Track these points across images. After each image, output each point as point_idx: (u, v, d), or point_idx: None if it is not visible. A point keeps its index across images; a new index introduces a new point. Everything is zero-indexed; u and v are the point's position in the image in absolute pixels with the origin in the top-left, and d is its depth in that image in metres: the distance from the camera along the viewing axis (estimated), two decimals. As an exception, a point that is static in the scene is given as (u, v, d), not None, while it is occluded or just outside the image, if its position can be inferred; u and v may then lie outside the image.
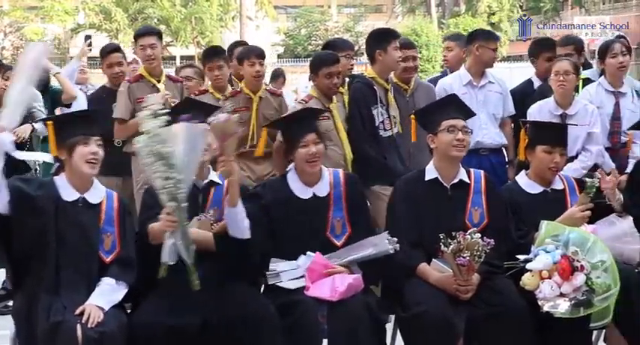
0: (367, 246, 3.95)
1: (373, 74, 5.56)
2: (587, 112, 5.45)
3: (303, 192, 4.07)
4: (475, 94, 6.05)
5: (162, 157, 3.50)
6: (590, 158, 5.43)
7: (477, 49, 6.03)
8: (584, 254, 3.77)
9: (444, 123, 4.09)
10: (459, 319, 3.75)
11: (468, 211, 4.06)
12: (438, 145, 4.12)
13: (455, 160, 4.12)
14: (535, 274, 3.77)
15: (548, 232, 3.90)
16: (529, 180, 4.31)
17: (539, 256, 3.80)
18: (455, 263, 3.77)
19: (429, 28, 29.47)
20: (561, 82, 5.44)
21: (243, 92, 5.78)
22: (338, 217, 4.05)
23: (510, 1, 34.06)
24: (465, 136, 4.08)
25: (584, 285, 3.70)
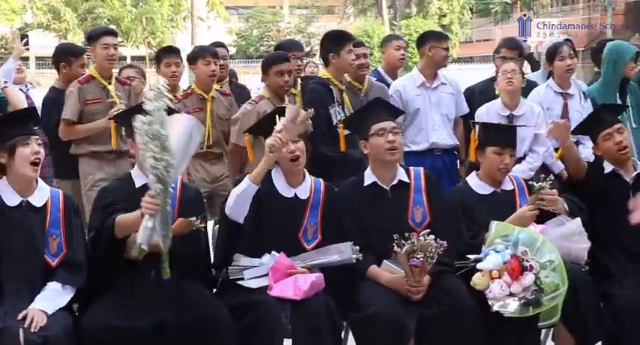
0: (333, 252, 3.95)
1: (328, 75, 5.57)
2: (533, 113, 5.52)
3: (286, 191, 4.06)
4: (428, 95, 6.10)
5: (158, 137, 3.44)
6: (537, 159, 5.50)
7: (430, 50, 6.09)
8: (533, 254, 3.82)
9: (373, 127, 4.10)
10: (410, 319, 3.77)
11: (409, 210, 4.09)
12: (370, 151, 4.13)
13: (390, 163, 4.13)
14: (485, 274, 3.80)
15: (498, 233, 3.94)
16: (479, 181, 4.35)
17: (489, 256, 3.83)
18: (408, 264, 3.79)
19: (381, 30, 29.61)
20: (509, 79, 5.50)
21: (195, 93, 5.75)
22: (312, 222, 4.05)
23: (461, 3, 34.38)
24: (395, 137, 4.09)
25: (533, 284, 3.74)
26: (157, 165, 3.45)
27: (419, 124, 5.95)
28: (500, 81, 5.57)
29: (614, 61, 5.85)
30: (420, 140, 5.91)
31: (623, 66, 5.81)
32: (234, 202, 3.87)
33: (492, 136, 4.34)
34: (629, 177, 4.34)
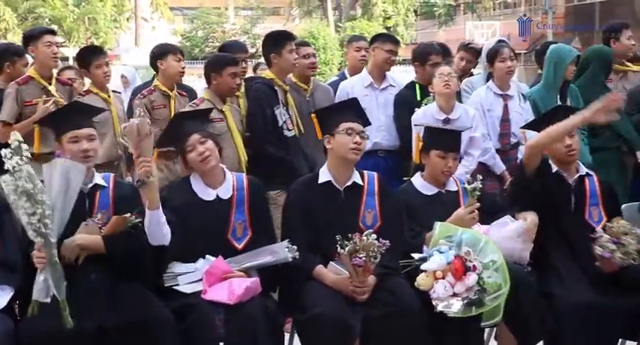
0: (267, 253, 3.94)
1: (272, 76, 5.56)
2: (468, 116, 5.58)
3: (207, 194, 4.03)
4: (376, 96, 6.15)
5: (27, 193, 3.40)
6: (473, 162, 5.55)
7: (373, 50, 6.14)
8: (476, 254, 3.85)
9: (342, 125, 4.11)
10: (355, 320, 3.77)
11: (361, 213, 4.10)
12: (334, 146, 4.14)
13: (350, 162, 4.15)
14: (429, 275, 3.82)
15: (442, 233, 3.97)
16: (424, 181, 4.39)
17: (433, 257, 3.85)
18: (351, 264, 3.80)
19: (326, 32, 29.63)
20: (446, 82, 5.54)
21: (159, 90, 5.71)
22: (240, 220, 4.02)
23: (406, 6, 34.63)
24: (362, 141, 4.12)
25: (476, 285, 3.78)
26: (32, 220, 3.42)
27: None
28: (437, 84, 5.60)
29: (555, 63, 5.94)
30: None
31: (563, 69, 5.91)
32: (149, 234, 3.80)
33: (437, 140, 4.38)
34: (572, 179, 4.41)
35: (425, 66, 6.08)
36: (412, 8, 35.64)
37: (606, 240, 4.06)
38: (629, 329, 4.07)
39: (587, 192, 4.35)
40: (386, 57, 6.18)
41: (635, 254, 4.02)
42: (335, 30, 31.79)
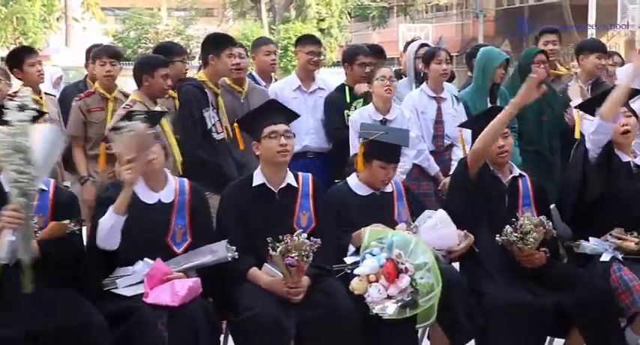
0: (206, 253, 3.91)
1: (204, 78, 5.52)
2: (404, 117, 5.63)
3: (149, 197, 3.99)
4: (305, 99, 6.15)
5: (21, 150, 3.38)
6: (407, 162, 5.60)
7: (296, 54, 6.15)
8: (407, 256, 3.88)
9: (266, 129, 4.10)
10: (289, 321, 3.77)
11: (296, 215, 4.10)
12: (262, 152, 4.13)
13: (281, 165, 4.14)
14: (363, 279, 3.84)
15: (373, 236, 3.98)
16: (359, 182, 4.42)
17: (365, 261, 3.87)
18: (284, 264, 3.79)
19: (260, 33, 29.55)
20: (387, 86, 5.58)
21: (98, 92, 5.70)
22: (180, 224, 3.99)
23: (339, 8, 34.76)
24: (287, 141, 4.11)
25: (409, 286, 3.80)
26: (22, 178, 3.39)
27: (293, 127, 5.95)
28: (378, 87, 5.63)
29: (484, 66, 6.03)
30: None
31: (492, 72, 6.00)
32: (105, 237, 3.78)
33: (380, 152, 4.39)
34: (506, 180, 4.48)
35: (353, 66, 6.10)
36: (346, 10, 35.77)
37: (507, 228, 4.13)
38: (557, 327, 4.15)
39: (520, 192, 4.43)
40: (308, 59, 6.18)
41: (534, 235, 4.08)
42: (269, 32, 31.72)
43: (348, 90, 6.09)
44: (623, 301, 4.14)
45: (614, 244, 4.37)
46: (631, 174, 4.52)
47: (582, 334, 4.12)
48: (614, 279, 4.19)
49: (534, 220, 4.15)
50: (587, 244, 4.38)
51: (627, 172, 4.52)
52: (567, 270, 4.29)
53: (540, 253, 4.18)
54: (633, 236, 4.39)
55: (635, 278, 4.14)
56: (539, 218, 4.17)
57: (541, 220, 4.16)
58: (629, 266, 4.25)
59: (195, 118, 5.33)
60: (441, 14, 38.82)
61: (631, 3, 24.65)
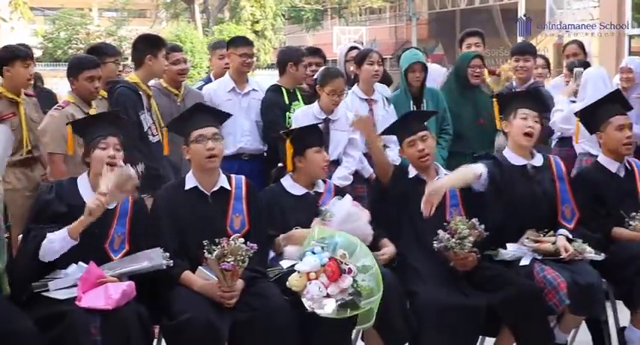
0: (142, 259, 3.88)
1: (137, 79, 5.46)
2: (347, 118, 5.67)
3: None
4: (239, 100, 6.14)
5: None
6: (353, 163, 5.64)
7: (229, 56, 6.15)
8: (351, 258, 3.87)
9: (193, 133, 4.08)
10: (223, 324, 3.76)
11: (229, 218, 4.09)
12: (191, 156, 4.11)
13: (211, 170, 4.12)
14: (302, 275, 3.84)
15: (315, 236, 3.98)
16: (294, 182, 4.44)
17: (306, 258, 3.87)
18: (219, 269, 3.78)
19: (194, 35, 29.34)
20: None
21: (5, 97, 5.34)
22: (120, 232, 3.95)
23: (274, 10, 34.73)
24: (215, 144, 4.08)
25: (351, 287, 3.80)
26: None
27: (228, 129, 5.95)
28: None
29: (402, 69, 6.12)
30: (229, 145, 5.93)
31: (404, 75, 6.07)
32: (50, 253, 3.75)
33: (310, 138, 4.45)
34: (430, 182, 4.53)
35: (298, 66, 6.14)
36: (280, 12, 35.77)
37: (442, 233, 4.19)
38: (488, 326, 4.21)
39: (447, 194, 4.48)
40: (241, 61, 6.16)
41: (470, 239, 4.15)
42: (203, 33, 31.51)
43: (286, 91, 6.09)
44: (550, 301, 4.21)
45: (531, 247, 4.45)
46: (527, 176, 4.60)
47: (512, 332, 4.20)
48: (539, 280, 4.26)
49: (467, 223, 4.21)
50: (506, 251, 4.42)
51: (523, 175, 4.59)
52: (496, 270, 4.36)
53: (472, 254, 4.23)
54: (548, 235, 4.48)
55: (558, 276, 4.22)
56: (471, 221, 4.22)
57: (473, 222, 4.22)
58: (550, 265, 4.33)
59: (132, 121, 5.28)
60: (375, 17, 39.13)
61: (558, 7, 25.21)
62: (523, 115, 4.59)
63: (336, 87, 5.53)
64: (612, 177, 4.81)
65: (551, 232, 4.49)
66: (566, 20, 25.04)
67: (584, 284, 4.21)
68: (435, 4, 32.93)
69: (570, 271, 4.28)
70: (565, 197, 4.61)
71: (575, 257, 4.38)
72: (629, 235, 4.64)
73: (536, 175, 4.61)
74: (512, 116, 4.62)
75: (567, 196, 4.61)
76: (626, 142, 4.80)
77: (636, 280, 4.43)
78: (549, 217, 4.55)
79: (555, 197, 4.58)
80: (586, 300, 4.23)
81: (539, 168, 4.64)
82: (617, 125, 4.80)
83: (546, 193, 4.58)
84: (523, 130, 4.56)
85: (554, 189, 4.60)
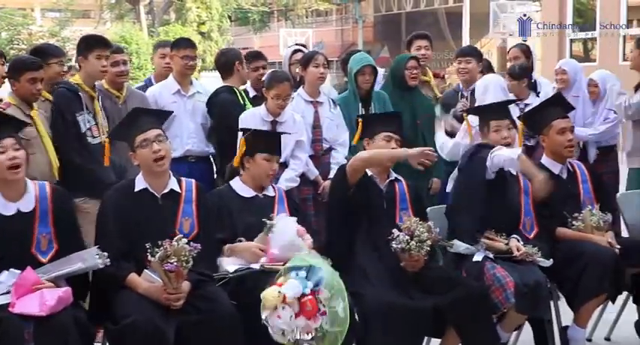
0: (76, 261, 3.81)
1: (78, 80, 5.39)
2: (295, 121, 5.67)
3: (6, 208, 3.84)
4: (184, 103, 6.10)
5: None
6: (300, 165, 5.64)
7: (172, 58, 6.10)
8: (329, 301, 3.78)
9: (137, 138, 4.04)
10: (169, 327, 3.71)
11: (178, 221, 4.05)
12: (139, 161, 4.07)
13: (160, 172, 4.08)
14: (280, 296, 3.71)
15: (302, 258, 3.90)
16: (243, 184, 4.43)
17: (291, 281, 3.74)
18: (163, 270, 3.74)
19: (139, 36, 29.05)
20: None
21: None
22: (44, 232, 3.86)
23: (220, 11, 34.59)
24: (161, 146, 4.05)
25: (317, 329, 3.73)
26: None
27: (174, 131, 5.93)
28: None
29: (350, 72, 6.15)
30: (176, 147, 5.90)
31: (354, 78, 6.10)
32: None
33: (263, 144, 4.44)
34: (383, 184, 4.56)
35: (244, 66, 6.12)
36: (226, 14, 35.62)
37: (402, 235, 4.22)
38: (434, 327, 4.25)
39: (397, 196, 4.52)
40: (183, 63, 6.12)
41: (428, 242, 4.21)
42: (148, 34, 31.22)
43: (239, 92, 6.08)
44: (496, 298, 4.28)
45: (485, 245, 4.53)
46: (507, 184, 4.69)
47: (458, 333, 4.24)
48: (488, 277, 4.34)
49: (424, 226, 4.25)
50: (461, 243, 4.51)
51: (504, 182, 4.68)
52: (443, 271, 4.41)
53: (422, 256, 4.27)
54: (502, 237, 4.57)
55: (507, 275, 4.30)
56: (427, 224, 4.27)
57: (429, 225, 4.27)
58: (501, 264, 4.40)
59: (68, 122, 5.20)
60: (322, 19, 39.23)
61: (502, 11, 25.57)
62: (496, 128, 4.72)
63: (281, 91, 5.52)
64: (555, 179, 4.90)
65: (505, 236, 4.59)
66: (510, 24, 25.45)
67: (532, 283, 4.29)
68: (380, 7, 33.15)
69: (519, 271, 4.35)
70: (527, 210, 4.71)
71: (526, 258, 4.46)
72: (573, 236, 4.74)
73: (510, 183, 4.70)
74: (487, 129, 4.77)
75: (529, 209, 4.71)
76: (567, 145, 4.90)
77: (579, 280, 4.52)
78: (511, 225, 4.65)
79: (519, 208, 4.68)
80: (532, 299, 4.30)
81: (513, 177, 4.75)
82: (558, 129, 4.90)
83: (514, 202, 4.68)
84: (500, 142, 4.64)
85: (519, 200, 4.67)
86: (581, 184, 4.95)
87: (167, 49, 6.55)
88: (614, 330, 5.30)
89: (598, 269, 4.49)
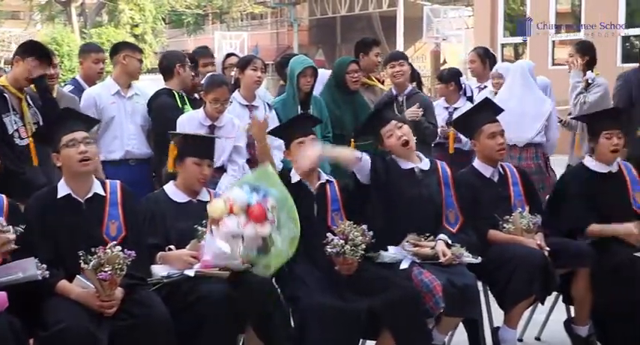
0: (15, 270, 3.73)
1: (4, 82, 5.30)
2: (234, 125, 5.64)
3: None
4: (123, 104, 6.05)
5: None
6: (239, 171, 5.62)
7: (124, 59, 6.03)
8: (278, 212, 3.85)
9: (63, 138, 3.99)
10: (102, 333, 3.67)
11: (104, 224, 4.00)
12: (63, 162, 4.01)
13: (85, 174, 4.03)
14: (227, 204, 3.76)
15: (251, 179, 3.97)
16: (176, 189, 4.40)
17: (236, 190, 3.81)
18: (97, 279, 3.69)
19: (71, 38, 28.58)
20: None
21: None
22: None
23: (153, 14, 34.25)
24: (88, 148, 4.00)
25: (263, 239, 3.79)
26: None
27: (114, 133, 5.88)
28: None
29: (290, 75, 6.17)
30: (115, 149, 5.83)
31: (295, 80, 6.12)
32: None
33: (192, 148, 4.39)
34: (314, 187, 4.58)
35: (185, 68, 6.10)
36: (160, 16, 35.29)
37: (336, 239, 4.25)
38: (369, 329, 4.27)
39: (328, 198, 4.54)
40: (139, 66, 6.11)
41: (362, 246, 4.24)
42: (80, 36, 30.72)
43: (178, 95, 6.04)
44: (427, 304, 4.31)
45: (411, 251, 4.56)
46: (415, 180, 4.74)
47: (392, 335, 4.27)
48: (416, 283, 4.35)
49: (358, 229, 4.27)
50: (387, 253, 4.52)
51: (410, 178, 4.73)
52: (377, 273, 4.43)
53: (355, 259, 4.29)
54: (428, 240, 4.60)
55: (435, 280, 4.33)
56: (361, 227, 4.29)
57: (363, 229, 4.29)
58: (428, 269, 4.44)
59: None
60: (257, 23, 39.18)
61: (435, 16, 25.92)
62: (388, 130, 4.77)
63: (219, 95, 5.49)
64: (487, 181, 4.98)
65: (432, 237, 4.60)
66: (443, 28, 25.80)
67: (461, 286, 4.33)
68: (315, 11, 33.25)
69: (447, 274, 4.39)
70: (449, 202, 4.75)
71: (453, 261, 4.50)
72: (504, 238, 4.82)
73: (424, 178, 4.73)
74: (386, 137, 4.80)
75: (452, 201, 4.75)
76: (499, 148, 5.00)
77: (509, 282, 4.60)
78: (434, 221, 4.68)
79: (441, 201, 4.71)
80: (461, 301, 4.34)
81: (426, 172, 4.77)
82: (489, 133, 4.99)
83: (432, 196, 4.71)
84: (399, 143, 4.72)
85: (440, 193, 4.72)
86: (512, 187, 5.04)
87: (101, 55, 6.53)
88: (544, 330, 5.41)
89: (527, 271, 4.57)
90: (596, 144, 5.06)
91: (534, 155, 6.78)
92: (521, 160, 6.75)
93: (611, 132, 5.01)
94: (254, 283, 3.99)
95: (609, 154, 5.03)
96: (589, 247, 4.81)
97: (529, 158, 6.78)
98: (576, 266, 4.81)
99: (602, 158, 5.06)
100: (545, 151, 6.85)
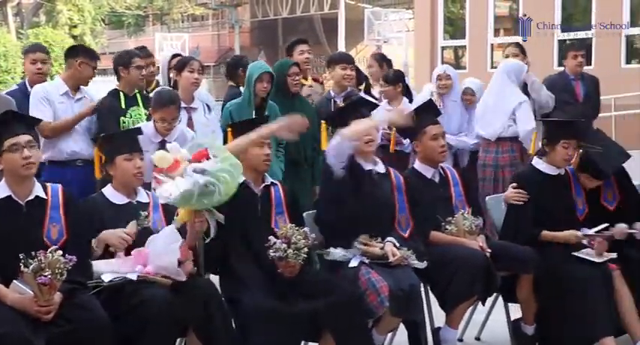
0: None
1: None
2: (186, 138, 5.51)
3: None
4: (71, 105, 6.00)
5: None
6: None
7: (80, 65, 5.94)
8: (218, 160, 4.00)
9: (6, 142, 3.89)
10: (39, 339, 3.58)
11: (45, 228, 3.92)
12: (5, 166, 3.92)
13: (26, 178, 3.95)
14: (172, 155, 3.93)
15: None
16: (114, 191, 4.35)
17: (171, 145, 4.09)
18: (36, 283, 3.62)
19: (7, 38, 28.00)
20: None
21: None
22: None
23: (93, 15, 33.76)
24: (31, 152, 3.90)
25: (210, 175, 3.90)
26: None
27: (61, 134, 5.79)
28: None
29: (248, 80, 6.16)
30: (62, 149, 5.80)
31: (252, 85, 6.11)
32: None
33: (119, 145, 4.37)
34: (258, 189, 4.55)
35: (129, 69, 6.01)
36: (100, 17, 34.82)
37: (279, 243, 4.24)
38: (310, 331, 4.28)
39: (272, 201, 4.52)
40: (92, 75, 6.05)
41: (305, 250, 4.25)
42: (17, 37, 30.13)
43: (123, 96, 5.96)
44: (371, 303, 4.33)
45: (360, 251, 4.59)
46: (373, 182, 4.77)
47: (333, 337, 4.28)
48: (363, 282, 4.38)
49: (301, 232, 4.26)
50: (337, 251, 4.54)
51: (369, 180, 4.76)
52: (319, 276, 4.44)
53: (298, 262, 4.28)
54: (377, 241, 4.63)
55: (382, 280, 4.36)
56: (303, 230, 4.29)
57: (305, 232, 4.29)
58: (376, 269, 4.46)
59: None
60: (198, 24, 38.96)
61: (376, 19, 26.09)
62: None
63: (166, 115, 5.37)
64: (428, 183, 5.02)
65: (380, 239, 4.63)
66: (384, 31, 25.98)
67: (406, 287, 4.36)
68: (257, 13, 33.21)
69: (394, 276, 4.42)
70: (402, 207, 4.79)
71: (401, 262, 4.53)
72: (446, 239, 4.86)
73: (379, 181, 4.75)
74: None
75: (404, 206, 4.79)
76: (441, 150, 5.05)
77: (451, 283, 4.64)
78: (388, 224, 4.71)
79: (394, 205, 4.73)
80: (406, 302, 4.37)
81: (381, 175, 4.80)
82: (431, 135, 5.04)
83: (387, 200, 4.72)
84: (364, 139, 4.71)
85: (393, 198, 4.74)
86: (452, 188, 5.09)
87: (38, 55, 6.47)
88: (484, 330, 5.47)
89: (469, 272, 4.61)
90: (552, 150, 5.12)
91: (510, 149, 7.07)
92: (498, 153, 7.07)
93: (569, 142, 5.08)
94: (196, 287, 3.98)
95: (562, 162, 5.12)
96: (532, 253, 4.85)
97: (505, 152, 7.09)
98: (520, 272, 4.88)
99: (553, 162, 5.13)
100: (522, 144, 7.06)
